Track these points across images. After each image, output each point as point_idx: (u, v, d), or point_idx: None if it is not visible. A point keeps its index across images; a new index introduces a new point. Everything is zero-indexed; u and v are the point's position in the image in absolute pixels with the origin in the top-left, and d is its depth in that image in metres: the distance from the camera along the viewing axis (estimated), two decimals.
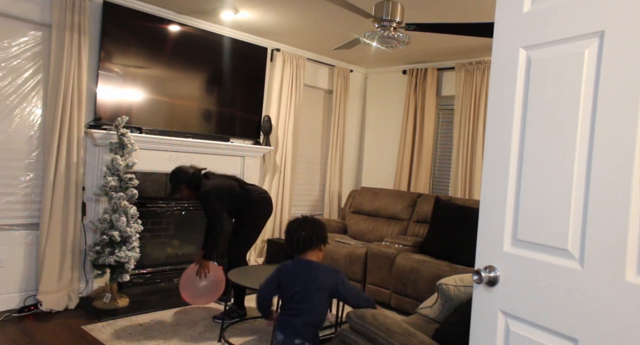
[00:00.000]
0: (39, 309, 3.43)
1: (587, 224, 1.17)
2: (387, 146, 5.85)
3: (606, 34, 1.15)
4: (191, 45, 4.34)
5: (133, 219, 3.58)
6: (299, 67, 5.22)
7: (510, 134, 1.37)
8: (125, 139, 3.59)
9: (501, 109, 1.40)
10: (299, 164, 5.53)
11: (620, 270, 1.10)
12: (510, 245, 1.36)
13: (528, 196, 1.31)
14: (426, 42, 4.55)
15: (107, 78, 3.83)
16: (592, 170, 1.16)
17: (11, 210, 3.47)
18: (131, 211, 3.56)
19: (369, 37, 3.23)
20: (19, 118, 3.47)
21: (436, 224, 4.31)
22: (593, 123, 1.17)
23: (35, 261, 3.56)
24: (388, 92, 5.90)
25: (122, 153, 3.59)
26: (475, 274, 1.40)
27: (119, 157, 3.55)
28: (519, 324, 1.31)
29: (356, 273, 4.39)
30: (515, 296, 1.32)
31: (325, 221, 5.14)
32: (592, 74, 1.18)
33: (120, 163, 3.53)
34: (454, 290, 2.40)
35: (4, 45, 3.37)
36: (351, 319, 1.99)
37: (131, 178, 3.59)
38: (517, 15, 1.37)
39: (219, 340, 3.17)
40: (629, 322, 1.08)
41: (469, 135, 4.91)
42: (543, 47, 1.30)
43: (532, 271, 1.28)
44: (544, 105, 1.29)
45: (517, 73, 1.36)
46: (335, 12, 3.84)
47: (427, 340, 1.86)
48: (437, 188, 5.47)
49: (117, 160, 3.52)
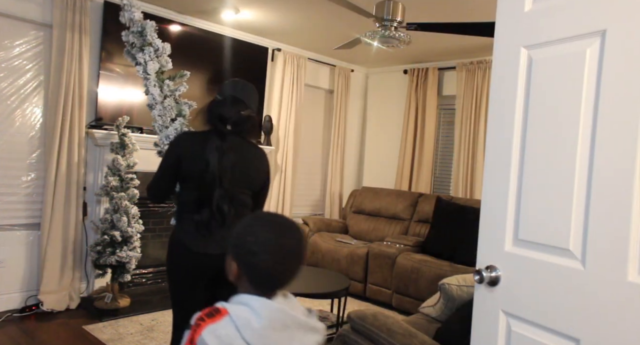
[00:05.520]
0: (40, 309, 3.43)
1: (589, 223, 1.16)
2: (388, 146, 5.85)
3: (608, 33, 1.14)
4: (192, 45, 4.34)
5: (134, 219, 3.58)
6: (300, 67, 5.22)
7: (511, 134, 1.37)
8: (127, 139, 3.60)
9: (502, 108, 1.40)
10: (300, 164, 5.53)
11: (622, 270, 1.09)
12: (512, 245, 1.35)
13: (529, 196, 1.31)
14: (427, 42, 4.54)
15: (108, 78, 3.83)
16: (593, 169, 1.16)
17: (12, 210, 3.47)
18: (132, 211, 3.56)
19: (370, 37, 3.23)
20: (20, 118, 3.47)
21: (437, 224, 4.31)
22: (595, 123, 1.16)
23: (36, 261, 3.57)
24: (389, 92, 5.90)
25: (123, 153, 3.59)
26: (476, 273, 1.39)
27: (120, 157, 3.55)
28: (521, 324, 1.31)
29: (357, 273, 4.39)
30: (516, 296, 1.32)
31: (326, 221, 5.15)
32: (594, 73, 1.18)
33: (122, 163, 3.53)
34: (456, 290, 2.40)
35: (5, 46, 3.37)
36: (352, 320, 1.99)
37: (132, 178, 3.60)
38: (519, 14, 1.37)
39: None
40: (631, 322, 1.07)
41: (470, 135, 4.90)
42: (544, 46, 1.30)
43: (534, 271, 1.28)
44: (546, 105, 1.29)
45: (518, 72, 1.36)
46: (336, 11, 3.83)
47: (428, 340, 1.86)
48: (438, 188, 5.47)
49: (118, 160, 3.53)
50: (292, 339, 1.03)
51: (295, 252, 1.09)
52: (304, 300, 4.03)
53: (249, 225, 1.11)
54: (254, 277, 1.07)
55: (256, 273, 1.06)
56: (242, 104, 2.01)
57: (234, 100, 2.00)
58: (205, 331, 0.98)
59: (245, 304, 1.03)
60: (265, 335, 0.99)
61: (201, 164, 1.91)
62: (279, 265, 1.06)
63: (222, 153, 1.92)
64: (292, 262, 1.08)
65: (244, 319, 0.99)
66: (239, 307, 1.02)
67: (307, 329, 1.07)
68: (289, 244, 1.08)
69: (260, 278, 1.07)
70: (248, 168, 2.04)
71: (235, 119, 1.97)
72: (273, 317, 1.01)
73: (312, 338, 1.07)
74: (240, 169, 1.98)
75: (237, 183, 1.98)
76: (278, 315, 1.02)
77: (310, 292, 3.00)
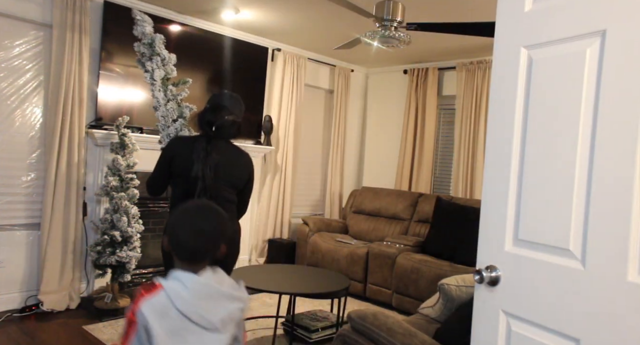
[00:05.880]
0: (40, 309, 3.43)
1: (589, 223, 1.16)
2: (388, 146, 5.85)
3: (608, 33, 1.14)
4: (192, 46, 4.34)
5: (134, 219, 3.58)
6: (299, 66, 5.22)
7: (511, 134, 1.37)
8: (127, 139, 3.60)
9: (502, 108, 1.40)
10: (300, 164, 5.53)
11: (622, 270, 1.09)
12: (512, 245, 1.35)
13: (529, 196, 1.31)
14: (427, 42, 4.54)
15: (108, 78, 3.83)
16: (593, 169, 1.16)
17: (12, 211, 3.47)
18: (132, 211, 3.56)
19: (370, 37, 3.23)
20: (20, 118, 3.47)
21: (437, 224, 4.31)
22: (595, 122, 1.17)
23: (36, 261, 3.57)
24: (389, 92, 5.90)
25: (123, 153, 3.59)
26: (476, 273, 1.39)
27: (120, 157, 3.55)
28: (521, 324, 1.31)
29: (357, 273, 4.39)
30: (516, 296, 1.32)
31: (326, 221, 5.15)
32: (594, 73, 1.18)
33: (122, 163, 3.53)
34: (455, 290, 2.40)
35: (5, 46, 3.37)
36: (352, 319, 1.99)
37: (132, 178, 3.59)
38: (519, 14, 1.37)
39: None
40: (631, 322, 1.07)
41: (470, 135, 4.91)
42: (544, 46, 1.30)
43: (534, 271, 1.28)
44: (546, 105, 1.29)
45: (518, 72, 1.36)
46: (336, 11, 3.83)
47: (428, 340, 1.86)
48: (438, 188, 5.47)
49: (118, 160, 3.53)
50: (216, 306, 1.26)
51: (207, 232, 1.32)
52: (304, 300, 4.04)
53: (177, 210, 1.36)
54: (177, 252, 1.32)
55: (177, 248, 1.31)
56: (226, 110, 2.30)
57: (219, 107, 2.30)
58: (143, 302, 1.20)
59: (177, 279, 1.26)
60: (193, 303, 1.22)
61: (188, 163, 2.24)
62: (193, 242, 1.30)
63: (206, 154, 2.23)
64: (207, 240, 1.31)
65: (175, 291, 1.22)
66: (171, 282, 1.26)
67: (230, 298, 1.30)
68: (202, 225, 1.32)
69: (181, 252, 1.31)
70: (230, 168, 2.33)
71: (219, 123, 2.27)
72: (199, 289, 1.25)
73: (235, 306, 1.30)
74: (223, 169, 2.28)
75: (220, 181, 2.27)
76: (203, 287, 1.25)
77: (310, 292, 3.00)
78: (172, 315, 1.22)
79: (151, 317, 1.19)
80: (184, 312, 1.22)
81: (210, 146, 2.26)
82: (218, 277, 1.32)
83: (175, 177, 2.33)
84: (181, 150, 2.31)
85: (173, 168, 2.32)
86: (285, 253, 4.99)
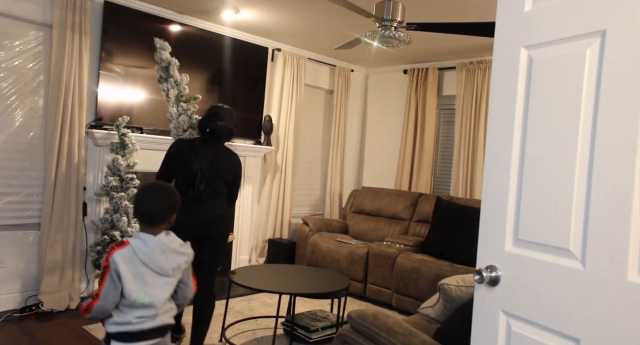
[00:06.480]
0: (40, 309, 3.43)
1: (589, 223, 1.16)
2: (388, 146, 5.85)
3: (608, 33, 1.14)
4: (192, 45, 4.34)
5: (134, 219, 3.58)
6: (299, 67, 5.22)
7: (511, 134, 1.37)
8: (127, 138, 3.60)
9: (502, 108, 1.40)
10: (300, 164, 5.53)
11: (622, 270, 1.09)
12: (512, 245, 1.35)
13: (529, 196, 1.31)
14: (427, 42, 4.54)
15: (108, 78, 3.83)
16: (593, 169, 1.16)
17: (12, 211, 3.47)
18: (132, 211, 3.56)
19: (370, 37, 3.23)
20: (20, 118, 3.47)
21: (437, 224, 4.31)
22: (595, 122, 1.17)
23: (36, 261, 3.57)
24: (389, 92, 5.90)
25: (123, 153, 3.59)
26: (476, 273, 1.39)
27: (120, 157, 3.55)
28: (521, 324, 1.31)
29: (357, 273, 4.39)
30: (516, 296, 1.32)
31: (326, 221, 5.15)
32: (594, 74, 1.18)
33: (122, 163, 3.53)
34: (455, 290, 2.40)
35: (5, 46, 3.37)
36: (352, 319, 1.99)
37: (132, 178, 3.59)
38: (519, 14, 1.37)
39: (220, 340, 3.17)
40: (631, 322, 1.07)
41: (470, 135, 4.91)
42: (544, 46, 1.30)
43: (534, 271, 1.28)
44: (546, 105, 1.29)
45: (518, 72, 1.36)
46: (336, 11, 3.83)
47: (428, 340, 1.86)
48: (438, 188, 5.47)
49: (118, 160, 3.53)
50: (168, 258, 1.76)
51: (159, 201, 1.82)
52: (304, 300, 4.04)
53: (140, 188, 1.93)
54: (139, 217, 1.83)
55: (139, 214, 1.82)
56: (218, 117, 2.78)
57: (213, 116, 2.80)
58: (115, 253, 1.69)
59: (139, 238, 1.76)
60: (150, 255, 1.72)
61: (187, 159, 2.74)
62: (149, 208, 1.79)
63: (202, 154, 2.74)
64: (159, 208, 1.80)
65: (138, 246, 1.72)
66: (135, 240, 1.75)
67: (178, 253, 1.80)
68: (156, 196, 1.84)
69: (142, 218, 1.81)
70: (221, 165, 2.80)
71: (213, 128, 2.76)
72: (155, 245, 1.74)
73: (182, 258, 1.81)
74: (215, 166, 2.76)
75: (212, 175, 2.76)
76: (158, 244, 1.75)
77: (310, 292, 3.00)
78: (135, 263, 1.71)
79: (120, 263, 1.68)
80: (144, 261, 1.71)
81: (205, 147, 2.76)
82: (169, 238, 1.81)
83: (178, 171, 2.79)
84: (182, 149, 2.79)
85: (176, 164, 2.78)
86: (285, 253, 4.99)
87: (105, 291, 1.67)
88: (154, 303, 1.73)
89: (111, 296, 1.67)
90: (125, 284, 1.67)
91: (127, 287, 1.67)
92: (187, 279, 1.90)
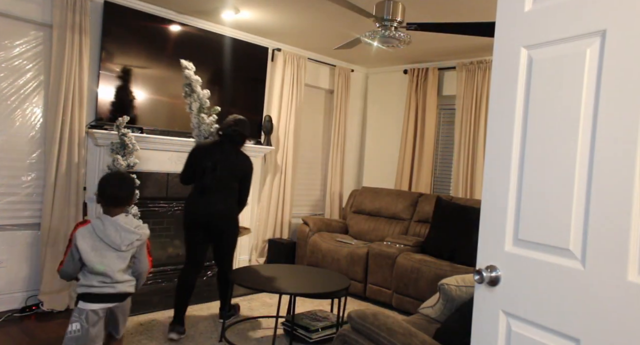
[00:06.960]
0: (41, 309, 3.43)
1: (589, 223, 1.16)
2: (388, 146, 5.85)
3: (608, 33, 1.14)
4: (192, 45, 4.34)
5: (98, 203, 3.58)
6: (299, 67, 5.22)
7: (511, 134, 1.37)
8: (127, 139, 3.59)
9: (502, 108, 1.40)
10: (300, 164, 5.53)
11: (622, 269, 1.09)
12: (512, 245, 1.35)
13: (529, 196, 1.31)
14: (427, 42, 4.54)
15: (108, 78, 3.83)
16: (593, 169, 1.16)
17: (12, 211, 3.47)
18: (132, 211, 3.56)
19: (370, 37, 3.23)
20: (21, 118, 3.47)
21: (437, 224, 4.31)
22: (595, 122, 1.17)
23: (36, 261, 3.57)
24: (389, 92, 5.90)
25: (123, 153, 3.59)
26: (476, 273, 1.39)
27: (120, 157, 3.55)
28: (521, 324, 1.31)
29: (357, 273, 4.39)
30: (516, 296, 1.32)
31: (326, 221, 5.15)
32: (594, 74, 1.18)
33: (122, 163, 3.53)
34: (455, 290, 2.40)
35: (5, 46, 3.37)
36: (352, 319, 1.99)
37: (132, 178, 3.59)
38: (519, 14, 1.37)
39: (220, 340, 3.17)
40: (631, 321, 1.07)
41: (470, 135, 4.91)
42: (544, 46, 1.30)
43: (534, 271, 1.28)
44: (546, 105, 1.29)
45: (518, 72, 1.36)
46: (336, 11, 3.83)
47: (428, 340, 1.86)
48: (439, 188, 5.47)
49: (118, 160, 3.53)
50: (122, 236, 2.15)
51: (118, 186, 2.25)
52: (304, 300, 4.04)
53: (103, 176, 2.36)
54: (102, 200, 2.23)
55: (101, 197, 2.23)
56: (233, 124, 3.30)
57: (228, 123, 3.33)
58: (77, 231, 2.13)
59: (99, 218, 2.17)
60: (105, 232, 2.13)
61: (204, 161, 3.22)
62: (110, 191, 2.21)
63: (214, 153, 3.24)
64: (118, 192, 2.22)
65: (97, 225, 2.14)
66: (95, 220, 2.17)
67: (130, 232, 2.18)
68: (115, 183, 2.26)
69: (103, 200, 2.22)
70: (234, 165, 3.29)
71: (227, 132, 3.30)
72: (109, 224, 2.14)
73: (133, 236, 2.18)
74: (224, 163, 3.23)
75: (226, 173, 3.24)
76: (113, 223, 2.15)
77: (310, 292, 3.00)
78: (94, 238, 2.12)
79: (80, 239, 2.10)
80: (100, 237, 2.12)
81: (218, 148, 3.26)
82: (127, 219, 2.20)
83: (196, 172, 3.24)
84: (200, 153, 3.27)
85: (195, 165, 3.23)
86: (285, 253, 4.99)
87: (67, 260, 2.13)
88: (108, 272, 2.12)
89: (70, 264, 2.13)
90: (84, 254, 2.09)
91: (86, 257, 2.09)
92: (140, 255, 2.28)
